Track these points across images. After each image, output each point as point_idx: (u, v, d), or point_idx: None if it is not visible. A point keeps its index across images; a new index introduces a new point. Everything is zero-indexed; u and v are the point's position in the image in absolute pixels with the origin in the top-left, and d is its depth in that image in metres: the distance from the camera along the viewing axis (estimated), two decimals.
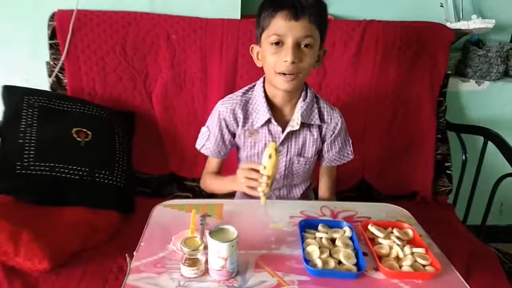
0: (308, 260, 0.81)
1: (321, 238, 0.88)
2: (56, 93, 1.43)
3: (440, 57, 1.52)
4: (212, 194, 1.26)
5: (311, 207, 1.05)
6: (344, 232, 0.91)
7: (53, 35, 1.40)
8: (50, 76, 1.44)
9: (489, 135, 1.47)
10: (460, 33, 1.61)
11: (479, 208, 1.50)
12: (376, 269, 0.82)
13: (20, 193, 1.12)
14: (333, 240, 0.88)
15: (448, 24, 1.60)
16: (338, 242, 0.86)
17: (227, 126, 1.14)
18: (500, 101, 1.71)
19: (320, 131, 1.14)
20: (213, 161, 1.21)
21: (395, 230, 0.91)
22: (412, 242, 0.90)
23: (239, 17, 1.48)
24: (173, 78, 1.44)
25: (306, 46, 0.99)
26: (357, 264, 0.82)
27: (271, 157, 0.91)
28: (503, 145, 1.39)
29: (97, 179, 1.21)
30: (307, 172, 1.20)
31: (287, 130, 1.10)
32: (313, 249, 0.83)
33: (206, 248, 0.78)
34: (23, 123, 1.20)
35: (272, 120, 1.09)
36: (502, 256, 1.22)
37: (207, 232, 0.79)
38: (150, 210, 1.01)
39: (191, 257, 0.77)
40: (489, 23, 1.56)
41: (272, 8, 0.98)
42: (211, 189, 1.23)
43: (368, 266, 0.81)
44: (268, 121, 1.09)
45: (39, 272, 0.96)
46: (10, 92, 1.27)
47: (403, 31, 1.48)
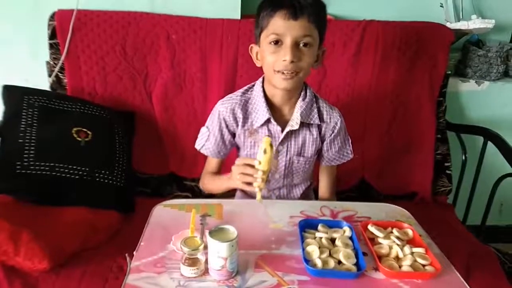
0: (308, 260, 0.81)
1: (321, 238, 0.88)
2: (56, 93, 1.43)
3: (440, 57, 1.52)
4: (212, 194, 1.25)
5: (311, 207, 1.05)
6: (344, 232, 0.91)
7: (53, 35, 1.40)
8: (50, 76, 1.44)
9: (489, 135, 1.47)
10: (460, 33, 1.61)
11: (478, 208, 1.50)
12: (376, 269, 0.82)
13: (20, 193, 1.12)
14: (333, 240, 0.88)
15: (448, 24, 1.60)
16: (338, 242, 0.86)
17: (227, 126, 1.14)
18: (500, 101, 1.71)
19: (319, 130, 1.14)
20: (212, 161, 1.21)
21: (394, 230, 0.91)
22: (412, 242, 0.90)
23: (239, 17, 1.48)
24: (173, 78, 1.44)
25: (305, 45, 0.99)
26: (357, 264, 0.82)
27: (266, 152, 0.91)
28: (503, 145, 1.39)
29: (97, 179, 1.21)
30: (307, 172, 1.21)
31: (287, 129, 1.10)
32: (313, 249, 0.84)
33: (206, 248, 0.78)
34: (23, 123, 1.20)
35: (272, 119, 1.09)
36: (502, 256, 1.22)
37: (207, 232, 0.79)
38: (150, 210, 1.01)
39: (191, 257, 0.78)
40: (489, 23, 1.56)
41: (271, 7, 0.98)
42: (209, 189, 1.23)
43: (368, 266, 0.81)
44: (268, 120, 1.09)
45: (39, 272, 0.96)
46: (10, 92, 1.27)
47: (402, 31, 1.48)
